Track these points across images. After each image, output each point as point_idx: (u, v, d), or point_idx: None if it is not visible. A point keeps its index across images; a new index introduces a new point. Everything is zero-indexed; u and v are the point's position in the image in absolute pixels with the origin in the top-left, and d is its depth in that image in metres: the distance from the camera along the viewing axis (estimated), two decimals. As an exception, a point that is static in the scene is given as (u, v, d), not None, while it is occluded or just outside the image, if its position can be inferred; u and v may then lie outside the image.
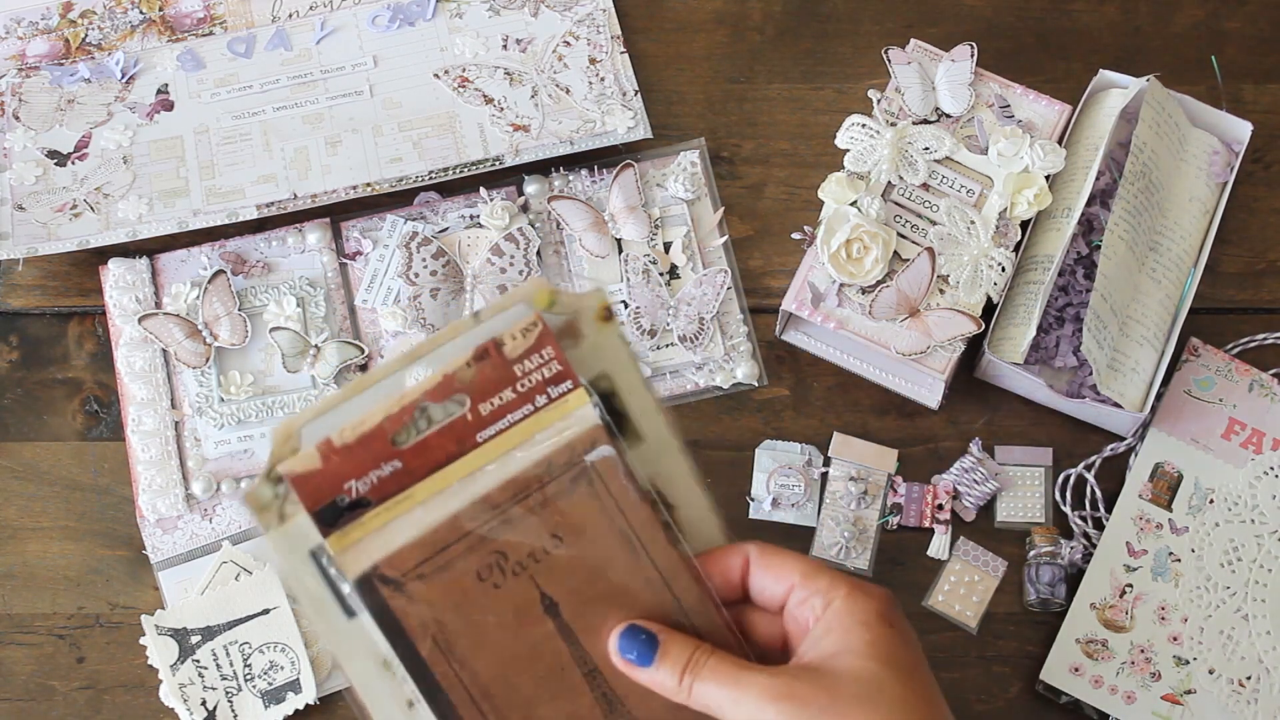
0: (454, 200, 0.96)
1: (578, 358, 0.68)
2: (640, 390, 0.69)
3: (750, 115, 0.99)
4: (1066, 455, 0.91)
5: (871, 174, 0.91)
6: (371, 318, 0.94)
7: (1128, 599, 0.87)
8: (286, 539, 0.66)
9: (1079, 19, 1.02)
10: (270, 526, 0.66)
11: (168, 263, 0.95)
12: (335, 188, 0.94)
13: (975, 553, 0.89)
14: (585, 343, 0.69)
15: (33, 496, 0.91)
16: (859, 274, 0.89)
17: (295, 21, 1.01)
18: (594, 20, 1.01)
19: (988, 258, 0.90)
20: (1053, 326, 0.90)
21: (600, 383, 0.69)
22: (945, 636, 0.88)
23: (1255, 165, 0.98)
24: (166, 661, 0.86)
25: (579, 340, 0.68)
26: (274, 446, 0.66)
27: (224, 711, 0.86)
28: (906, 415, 0.92)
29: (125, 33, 1.01)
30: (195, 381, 0.92)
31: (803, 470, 0.90)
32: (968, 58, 0.95)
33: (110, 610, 0.89)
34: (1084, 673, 0.86)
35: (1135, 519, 0.89)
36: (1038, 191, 0.91)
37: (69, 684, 0.88)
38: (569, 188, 0.96)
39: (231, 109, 0.98)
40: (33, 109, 0.98)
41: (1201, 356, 0.92)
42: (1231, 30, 1.01)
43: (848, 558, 0.89)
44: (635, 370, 0.69)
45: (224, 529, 0.90)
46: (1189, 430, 0.90)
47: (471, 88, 0.98)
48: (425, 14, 1.01)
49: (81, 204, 0.95)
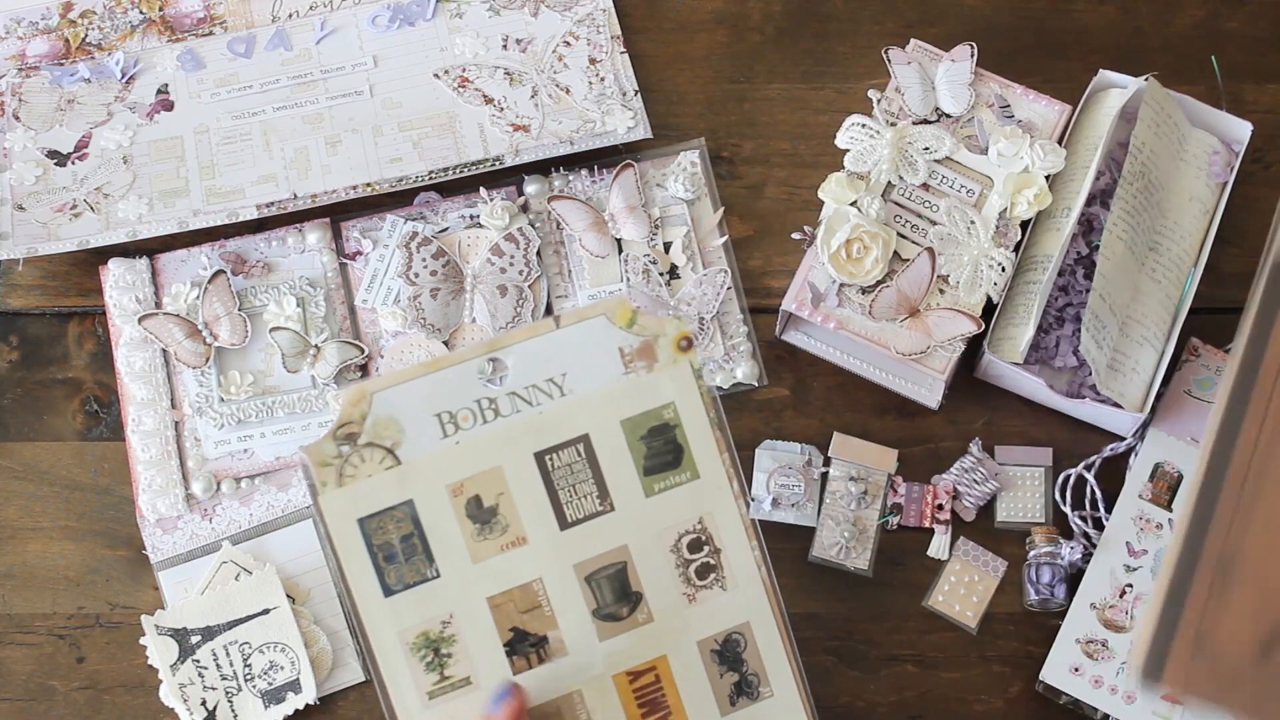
0: (454, 200, 0.96)
1: (649, 382, 0.70)
2: (704, 427, 0.70)
3: (750, 115, 0.99)
4: (1066, 455, 0.91)
5: (871, 174, 0.91)
6: (371, 318, 0.94)
7: (1128, 599, 0.87)
8: (340, 502, 0.68)
9: (1079, 19, 1.02)
10: (326, 484, 0.68)
11: (168, 263, 0.95)
12: (335, 188, 0.94)
13: (975, 553, 0.89)
14: (658, 368, 0.70)
15: (33, 496, 0.91)
16: (859, 274, 0.89)
17: (295, 21, 1.01)
18: (594, 20, 1.01)
19: (988, 258, 0.90)
20: (1053, 326, 0.90)
21: (665, 412, 0.70)
22: (945, 636, 0.88)
23: (1255, 165, 0.98)
24: (166, 661, 0.86)
25: (652, 365, 0.70)
26: (345, 407, 0.68)
27: (224, 711, 0.86)
28: (906, 415, 0.92)
29: (125, 33, 1.01)
30: (195, 381, 0.92)
31: (803, 470, 0.90)
32: (968, 58, 0.95)
33: (110, 610, 0.89)
34: (1084, 673, 0.86)
35: (1135, 519, 0.89)
36: (1038, 191, 0.91)
37: (69, 684, 0.88)
38: (569, 188, 0.96)
39: (231, 109, 0.98)
40: (33, 109, 0.98)
41: (1202, 356, 0.92)
42: (1231, 30, 1.01)
43: (848, 558, 0.89)
44: (703, 406, 0.70)
45: (224, 529, 0.90)
46: (1189, 430, 0.90)
47: (471, 88, 0.98)
48: (425, 14, 1.01)
49: (81, 204, 0.95)
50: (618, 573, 0.74)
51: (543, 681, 0.73)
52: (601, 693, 0.73)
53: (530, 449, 0.73)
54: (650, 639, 0.73)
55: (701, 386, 0.72)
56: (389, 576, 0.71)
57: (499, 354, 0.72)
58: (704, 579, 0.74)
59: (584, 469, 0.73)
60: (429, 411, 0.72)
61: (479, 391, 0.72)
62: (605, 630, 0.73)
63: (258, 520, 0.90)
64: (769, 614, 0.74)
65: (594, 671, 0.73)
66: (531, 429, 0.73)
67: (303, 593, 0.88)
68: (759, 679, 0.74)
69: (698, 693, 0.74)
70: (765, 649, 0.74)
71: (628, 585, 0.74)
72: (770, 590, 0.74)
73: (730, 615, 0.74)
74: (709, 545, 0.74)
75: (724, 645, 0.74)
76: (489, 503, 0.73)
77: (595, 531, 0.73)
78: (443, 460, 0.72)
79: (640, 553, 0.74)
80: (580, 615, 0.73)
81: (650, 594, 0.73)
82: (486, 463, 0.72)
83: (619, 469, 0.73)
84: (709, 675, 0.74)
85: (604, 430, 0.73)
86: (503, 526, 0.73)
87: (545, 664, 0.73)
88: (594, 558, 0.73)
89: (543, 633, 0.73)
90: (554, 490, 0.73)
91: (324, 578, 0.89)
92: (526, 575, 0.73)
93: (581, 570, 0.73)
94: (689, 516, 0.74)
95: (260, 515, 0.90)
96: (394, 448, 0.71)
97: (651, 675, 0.73)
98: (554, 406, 0.73)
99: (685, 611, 0.74)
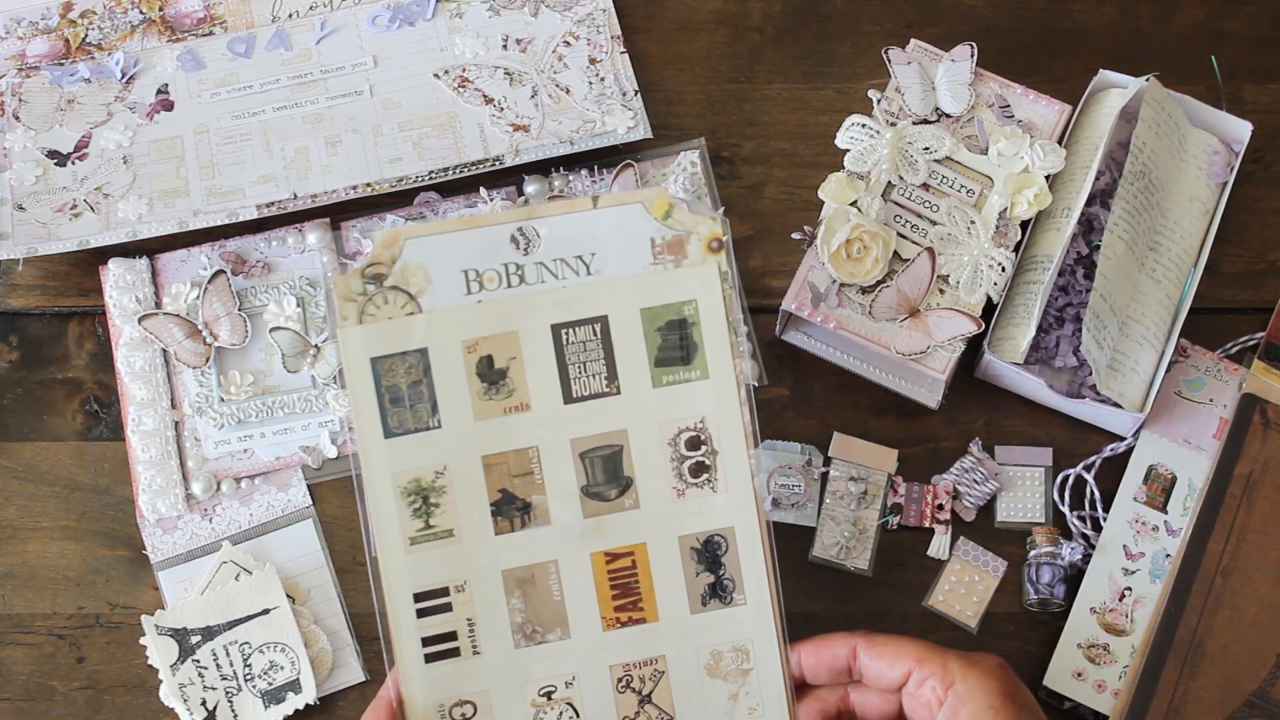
0: (454, 200, 0.96)
1: (675, 277, 0.71)
2: (721, 330, 0.72)
3: (750, 115, 0.99)
4: (1066, 455, 0.91)
5: (871, 174, 0.91)
6: (371, 318, 0.94)
7: (1127, 602, 0.87)
8: (357, 338, 0.70)
9: (1079, 19, 1.02)
10: (347, 319, 0.70)
11: (168, 263, 0.95)
12: (335, 188, 0.94)
13: (975, 553, 0.89)
14: (686, 264, 0.71)
15: (33, 496, 0.91)
16: (859, 274, 0.89)
17: (295, 21, 1.01)
18: (594, 20, 1.01)
19: (988, 258, 0.90)
20: (1053, 326, 0.90)
21: (685, 308, 0.71)
22: (945, 636, 0.88)
23: (1255, 165, 0.98)
24: (166, 661, 0.86)
25: (680, 260, 0.71)
26: (376, 248, 0.71)
27: (224, 711, 0.86)
28: (906, 415, 0.92)
29: (125, 33, 1.01)
30: (195, 381, 0.92)
31: (803, 470, 0.90)
32: (968, 58, 0.95)
33: (110, 610, 0.89)
34: (1087, 678, 0.86)
35: (1131, 522, 0.89)
36: (1038, 191, 0.91)
37: (69, 684, 0.88)
38: (569, 188, 0.96)
39: (231, 109, 0.98)
40: (33, 109, 0.98)
41: (1190, 357, 0.92)
42: (1231, 30, 1.01)
43: (848, 558, 0.89)
44: (723, 310, 0.71)
45: (224, 529, 0.90)
46: (1180, 431, 0.90)
47: (471, 88, 0.98)
48: (425, 14, 1.01)
49: (81, 204, 0.95)
50: (613, 454, 0.74)
51: (522, 546, 0.73)
52: (576, 567, 0.74)
53: (548, 320, 0.74)
54: (633, 525, 0.74)
55: (725, 290, 0.73)
56: (392, 419, 0.72)
57: (534, 223, 0.72)
58: (696, 477, 0.74)
59: (597, 349, 0.74)
60: (457, 266, 0.73)
61: (508, 256, 0.73)
62: (591, 508, 0.74)
63: (258, 520, 0.90)
64: (754, 523, 0.74)
65: (572, 545, 0.74)
66: (553, 301, 0.73)
67: (303, 593, 0.88)
68: (734, 585, 0.74)
69: (671, 586, 0.74)
70: (745, 557, 0.74)
71: (620, 469, 0.74)
72: (759, 502, 0.74)
73: (716, 517, 0.74)
74: (706, 445, 0.74)
75: (705, 545, 0.74)
76: (500, 364, 0.73)
77: (598, 411, 0.74)
78: (462, 316, 0.73)
79: (638, 440, 0.74)
80: (569, 488, 0.74)
81: (641, 481, 0.74)
82: (504, 326, 0.73)
83: (631, 355, 0.74)
84: (685, 571, 0.74)
85: (623, 314, 0.74)
86: (509, 390, 0.73)
87: (526, 529, 0.74)
88: (592, 436, 0.74)
89: (529, 498, 0.74)
90: (565, 364, 0.74)
91: (324, 578, 0.89)
92: (524, 441, 0.74)
93: (578, 446, 0.74)
94: (692, 414, 0.74)
95: (260, 515, 0.90)
96: (417, 295, 0.72)
97: (628, 560, 0.74)
98: (578, 283, 0.73)
99: (672, 505, 0.74)
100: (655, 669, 0.74)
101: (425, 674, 0.73)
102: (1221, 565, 0.85)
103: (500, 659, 0.73)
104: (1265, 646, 0.84)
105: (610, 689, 0.74)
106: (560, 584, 0.74)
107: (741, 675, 0.75)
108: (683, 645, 0.74)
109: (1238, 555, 0.85)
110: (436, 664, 0.73)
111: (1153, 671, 0.83)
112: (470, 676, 0.73)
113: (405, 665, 0.73)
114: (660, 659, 0.74)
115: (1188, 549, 0.86)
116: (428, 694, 0.73)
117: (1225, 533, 0.86)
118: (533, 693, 0.74)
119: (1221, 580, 0.85)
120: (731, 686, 0.74)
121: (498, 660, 0.73)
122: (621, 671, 0.74)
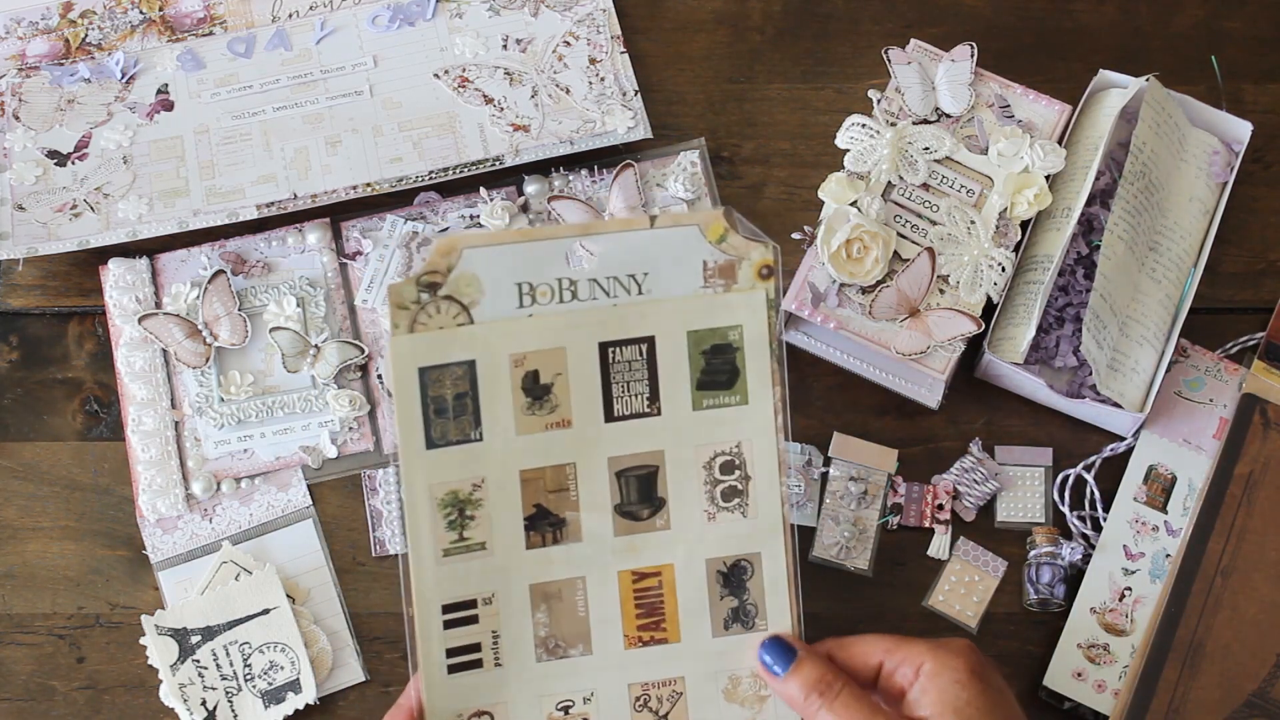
0: (454, 200, 0.96)
1: (724, 301, 0.71)
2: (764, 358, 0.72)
3: (750, 115, 0.99)
4: (1066, 455, 0.91)
5: (871, 174, 0.91)
6: (371, 318, 0.94)
7: (1127, 602, 0.87)
8: (408, 347, 0.70)
9: (1079, 19, 1.02)
10: (399, 326, 0.70)
11: (168, 263, 0.95)
12: (335, 188, 0.94)
13: (975, 553, 0.89)
14: (735, 289, 0.72)
15: (33, 496, 0.91)
16: (859, 274, 0.89)
17: (295, 21, 1.01)
18: (594, 20, 1.01)
19: (988, 258, 0.90)
20: (1053, 326, 0.90)
21: (731, 333, 0.71)
22: (946, 637, 0.88)
23: (1255, 165, 0.98)
24: (166, 661, 0.86)
25: (730, 284, 0.71)
26: (433, 256, 0.70)
27: (224, 711, 0.86)
28: (906, 415, 0.92)
29: (125, 33, 1.01)
30: (195, 381, 0.92)
31: (803, 470, 0.90)
32: (968, 58, 0.95)
33: (110, 610, 0.89)
34: (1087, 678, 0.86)
35: (1131, 522, 0.89)
36: (1038, 191, 0.91)
37: (69, 684, 0.88)
38: (569, 188, 0.96)
39: (231, 109, 0.98)
40: (33, 109, 0.98)
41: (1190, 357, 0.92)
42: (1231, 30, 1.01)
43: (848, 558, 0.89)
44: (768, 337, 0.72)
45: (224, 529, 0.90)
46: (1180, 431, 0.90)
47: (471, 88, 0.98)
48: (425, 14, 1.01)
49: (81, 204, 0.95)
50: (648, 475, 0.74)
51: (552, 561, 0.74)
52: (604, 584, 0.74)
53: (596, 337, 0.74)
54: (662, 545, 0.74)
55: (771, 318, 0.73)
56: (435, 429, 0.72)
57: (590, 240, 0.72)
58: (728, 501, 0.75)
59: (642, 369, 0.74)
60: (511, 279, 0.73)
61: (562, 270, 0.73)
62: (622, 526, 0.74)
63: (258, 520, 0.90)
64: (781, 552, 0.75)
65: (602, 562, 0.74)
66: (602, 319, 0.74)
67: (303, 593, 0.88)
68: (757, 610, 0.75)
69: (695, 608, 0.75)
70: (770, 584, 0.75)
71: (654, 489, 0.74)
72: (787, 530, 0.74)
73: (744, 542, 0.75)
74: (740, 470, 0.75)
75: (731, 569, 0.75)
76: (545, 380, 0.73)
77: (637, 431, 0.74)
78: (513, 329, 0.73)
79: (674, 462, 0.74)
80: (603, 506, 0.74)
81: (673, 503, 0.74)
82: (553, 341, 0.73)
83: (674, 377, 0.74)
84: (709, 594, 0.75)
85: (669, 336, 0.74)
86: (552, 406, 0.74)
87: (558, 545, 0.74)
88: (629, 455, 0.74)
89: (563, 514, 0.74)
90: (609, 382, 0.74)
91: (324, 578, 0.89)
92: (562, 457, 0.74)
93: (615, 465, 0.74)
94: (729, 439, 0.75)
95: (260, 515, 0.90)
96: (470, 306, 0.72)
97: (655, 580, 0.74)
98: (629, 302, 0.74)
99: (702, 528, 0.75)
100: (674, 690, 0.74)
101: (447, 683, 0.73)
102: (1221, 565, 0.85)
103: (521, 672, 0.74)
104: (1265, 646, 0.84)
105: (628, 707, 0.74)
106: (586, 601, 0.74)
107: (759, 701, 0.75)
108: (702, 668, 0.75)
109: (1238, 555, 0.85)
110: (458, 674, 0.73)
111: (1153, 671, 0.83)
112: (490, 688, 0.73)
113: (428, 674, 0.73)
114: (679, 680, 0.74)
115: (1188, 549, 0.86)
116: (447, 703, 0.73)
117: (1225, 533, 0.86)
118: (550, 706, 0.74)
119: (1221, 580, 0.85)
120: (748, 712, 0.74)
121: (518, 673, 0.74)
122: (640, 690, 0.74)
